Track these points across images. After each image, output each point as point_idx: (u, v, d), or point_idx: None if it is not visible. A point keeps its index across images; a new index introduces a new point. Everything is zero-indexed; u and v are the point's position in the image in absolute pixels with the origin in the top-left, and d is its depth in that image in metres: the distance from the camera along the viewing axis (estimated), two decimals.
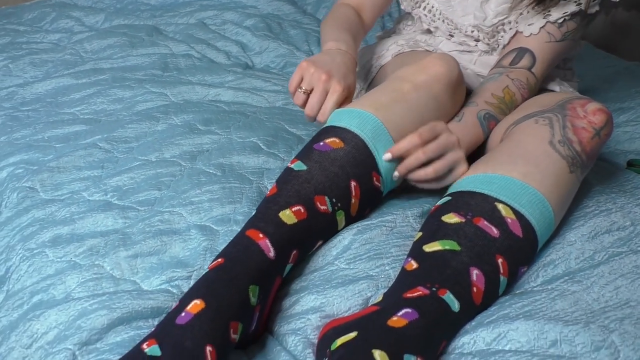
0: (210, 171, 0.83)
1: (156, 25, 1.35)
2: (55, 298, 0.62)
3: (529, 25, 0.82)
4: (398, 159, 0.70)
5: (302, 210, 0.65)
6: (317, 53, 1.27)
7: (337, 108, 0.76)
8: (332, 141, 0.69)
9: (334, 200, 0.68)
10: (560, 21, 0.82)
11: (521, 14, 0.84)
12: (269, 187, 0.81)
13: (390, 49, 0.94)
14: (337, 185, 0.68)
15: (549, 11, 0.82)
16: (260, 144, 0.90)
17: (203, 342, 0.52)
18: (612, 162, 0.92)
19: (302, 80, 0.78)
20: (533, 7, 0.83)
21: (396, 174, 0.70)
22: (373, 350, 0.50)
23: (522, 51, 0.83)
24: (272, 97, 1.08)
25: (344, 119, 0.71)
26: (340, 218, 0.70)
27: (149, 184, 0.79)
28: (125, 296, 0.62)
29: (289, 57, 1.26)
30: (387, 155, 0.69)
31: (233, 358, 0.58)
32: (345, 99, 0.79)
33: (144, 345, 0.53)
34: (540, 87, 0.87)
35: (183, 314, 0.55)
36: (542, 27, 0.82)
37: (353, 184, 0.69)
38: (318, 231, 0.68)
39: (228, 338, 0.55)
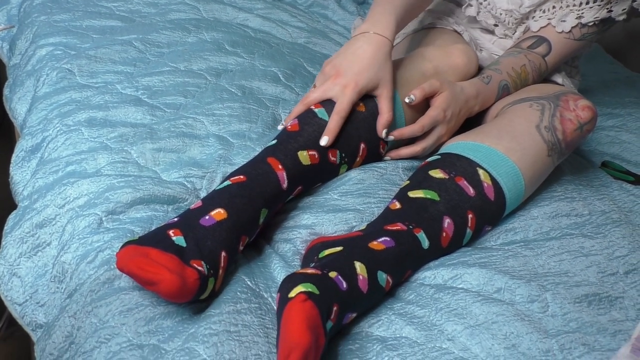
0: (232, 90, 0.90)
1: None
2: (87, 171, 0.71)
3: (562, 21, 0.87)
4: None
5: (316, 156, 0.72)
6: None
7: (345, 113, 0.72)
8: (356, 103, 0.76)
9: (343, 155, 0.76)
10: (590, 24, 0.87)
11: (554, 7, 0.88)
12: (283, 116, 0.89)
13: (422, 20, 0.98)
14: (350, 143, 0.76)
15: (582, 12, 0.86)
16: (280, 75, 0.97)
17: (220, 246, 0.60)
18: (589, 160, 1.00)
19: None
20: (567, 6, 0.86)
21: (391, 137, 0.78)
22: (355, 261, 0.60)
23: (541, 39, 0.89)
24: (295, 33, 1.14)
25: None
26: (343, 170, 0.78)
27: (177, 90, 0.87)
28: (147, 181, 0.70)
29: None
30: (390, 137, 0.78)
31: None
32: (381, 96, 0.75)
33: (171, 233, 0.58)
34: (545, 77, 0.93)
35: (207, 217, 0.61)
36: (574, 26, 0.87)
37: (362, 145, 0.77)
38: (322, 175, 0.76)
39: (237, 248, 0.63)
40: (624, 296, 0.70)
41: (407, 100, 0.78)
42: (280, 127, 0.76)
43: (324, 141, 0.72)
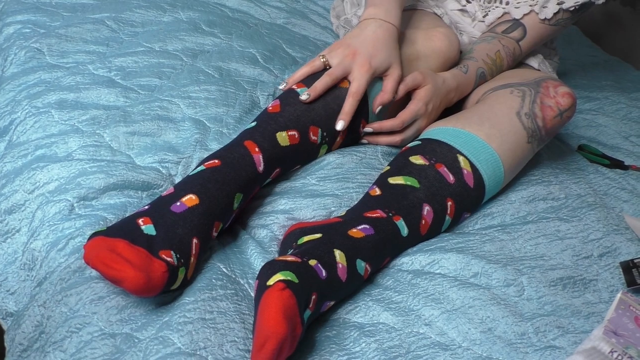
0: (209, 72, 0.88)
1: None
2: (58, 155, 0.69)
3: (543, 7, 0.87)
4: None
5: (297, 136, 0.71)
6: None
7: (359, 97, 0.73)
8: (341, 80, 0.75)
9: (324, 134, 0.75)
10: (571, 9, 0.87)
11: None
12: (261, 99, 0.88)
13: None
14: (332, 121, 0.74)
15: None
16: (258, 57, 0.95)
17: (192, 233, 0.59)
18: (566, 143, 1.01)
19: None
20: None
21: (369, 129, 0.79)
22: (334, 249, 0.60)
23: (515, 24, 0.89)
24: (274, 13, 1.11)
25: None
26: (323, 151, 0.77)
27: (151, 71, 0.84)
28: (121, 166, 0.69)
29: None
30: (368, 129, 0.78)
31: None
32: (390, 75, 0.76)
33: (140, 221, 0.57)
34: (520, 61, 0.93)
35: (178, 203, 0.60)
36: (556, 12, 0.87)
37: None
38: (302, 157, 0.74)
39: (210, 234, 0.62)
40: (598, 279, 0.71)
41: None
42: (281, 88, 0.76)
43: (339, 125, 0.73)
